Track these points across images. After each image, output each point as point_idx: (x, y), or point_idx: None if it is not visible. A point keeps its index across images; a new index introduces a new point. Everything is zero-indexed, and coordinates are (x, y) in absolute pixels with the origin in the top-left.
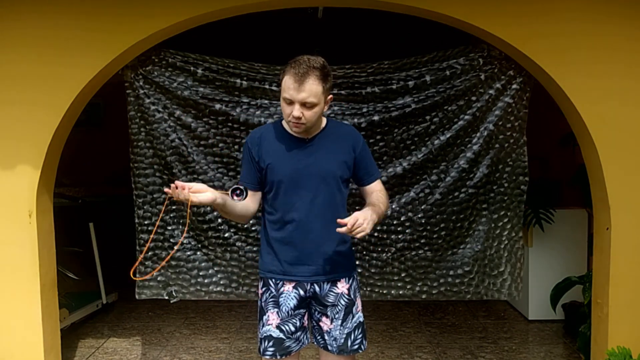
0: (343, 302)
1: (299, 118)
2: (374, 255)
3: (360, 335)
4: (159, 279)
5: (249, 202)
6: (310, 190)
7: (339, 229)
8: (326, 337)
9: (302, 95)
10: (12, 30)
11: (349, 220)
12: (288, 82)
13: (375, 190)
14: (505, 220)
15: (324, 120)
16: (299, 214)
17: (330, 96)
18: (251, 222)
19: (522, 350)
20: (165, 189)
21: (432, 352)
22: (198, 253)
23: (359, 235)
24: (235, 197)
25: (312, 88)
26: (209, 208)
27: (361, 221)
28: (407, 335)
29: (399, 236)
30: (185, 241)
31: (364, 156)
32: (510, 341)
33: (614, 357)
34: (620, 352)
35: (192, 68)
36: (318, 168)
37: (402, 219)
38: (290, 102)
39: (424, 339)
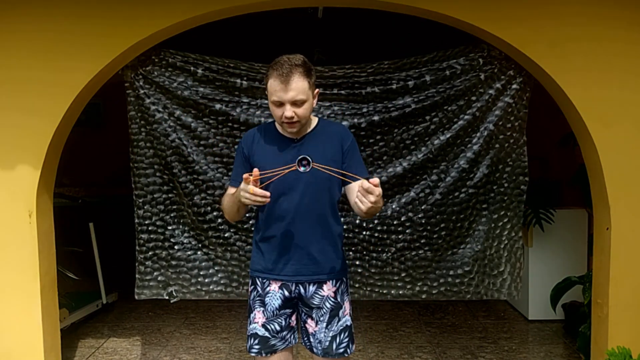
0: (328, 305)
1: (291, 118)
2: (374, 255)
3: (346, 339)
4: (159, 278)
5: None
6: (299, 190)
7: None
8: (311, 339)
9: (291, 94)
10: (13, 30)
11: (376, 187)
12: (274, 85)
13: None
14: (505, 220)
15: (315, 120)
16: (286, 214)
17: (317, 90)
18: (251, 222)
19: (522, 350)
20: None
21: (432, 352)
22: (198, 253)
23: (369, 203)
24: (301, 168)
25: (299, 85)
26: (209, 208)
27: (376, 197)
28: (407, 335)
29: (399, 236)
30: (185, 241)
31: (351, 155)
32: (510, 341)
33: (614, 357)
34: (620, 352)
35: (192, 68)
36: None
37: (402, 219)
38: (280, 104)
39: (424, 339)
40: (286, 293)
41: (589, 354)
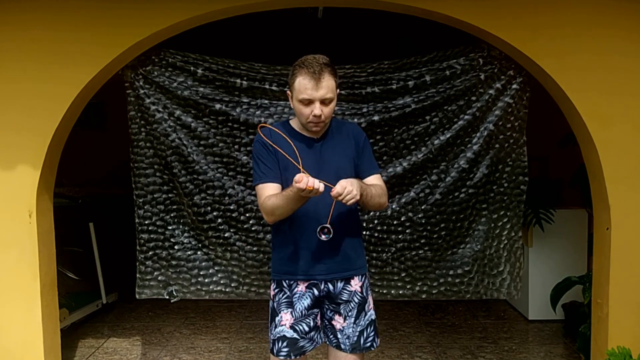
0: (356, 300)
1: (320, 116)
2: (374, 255)
3: (372, 333)
4: (159, 278)
5: None
6: (327, 188)
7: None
8: (339, 336)
9: (321, 92)
10: (14, 30)
11: (336, 188)
12: (303, 83)
13: (373, 182)
14: (505, 220)
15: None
16: (313, 213)
17: (338, 90)
18: (251, 222)
19: (522, 350)
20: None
21: (432, 352)
22: (198, 253)
23: (350, 202)
24: (323, 236)
25: (329, 84)
26: (209, 208)
27: (350, 188)
28: (407, 335)
29: (399, 236)
30: (185, 241)
31: (363, 151)
32: (510, 341)
33: (614, 357)
34: (620, 352)
35: (192, 68)
36: (331, 166)
37: (402, 219)
38: (309, 102)
39: (424, 339)
40: (315, 292)
41: (589, 354)
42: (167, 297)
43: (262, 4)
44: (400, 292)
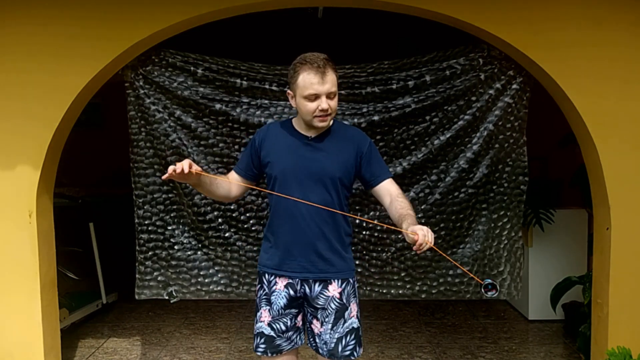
0: (333, 306)
1: (326, 110)
2: (374, 255)
3: (353, 342)
4: (159, 279)
5: (232, 187)
6: (307, 187)
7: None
8: (317, 340)
9: (327, 86)
10: (13, 32)
11: (420, 238)
12: (308, 78)
13: (391, 192)
14: (505, 220)
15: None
16: (297, 210)
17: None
18: (251, 221)
19: (522, 350)
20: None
21: (432, 352)
22: (198, 253)
23: (425, 249)
24: (488, 293)
25: (332, 78)
26: (209, 208)
27: (430, 238)
28: (407, 335)
29: (399, 236)
30: (185, 241)
31: (370, 158)
32: (510, 341)
33: (614, 357)
34: (620, 352)
35: (192, 68)
36: (318, 167)
37: None
38: (315, 97)
39: (424, 339)
40: (291, 292)
41: (589, 354)
42: (167, 298)
43: (262, 4)
44: (400, 291)
